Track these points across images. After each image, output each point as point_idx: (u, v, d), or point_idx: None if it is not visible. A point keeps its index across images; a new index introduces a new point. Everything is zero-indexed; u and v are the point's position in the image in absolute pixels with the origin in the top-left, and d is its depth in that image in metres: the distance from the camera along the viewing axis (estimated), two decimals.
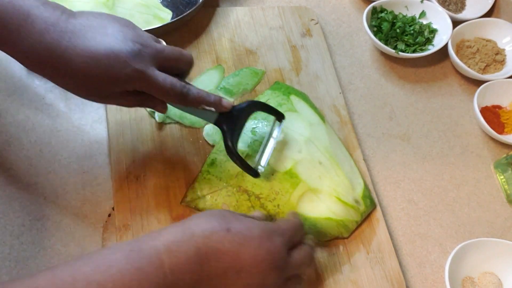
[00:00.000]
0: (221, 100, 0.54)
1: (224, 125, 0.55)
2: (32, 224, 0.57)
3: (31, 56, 0.46)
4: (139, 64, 0.48)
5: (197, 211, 0.60)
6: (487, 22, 0.86)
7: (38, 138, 0.62)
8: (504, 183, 0.72)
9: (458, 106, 0.80)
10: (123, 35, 0.48)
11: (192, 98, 0.52)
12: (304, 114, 0.66)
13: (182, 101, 0.52)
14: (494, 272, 0.64)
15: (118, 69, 0.47)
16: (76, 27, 0.47)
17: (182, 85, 0.51)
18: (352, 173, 0.65)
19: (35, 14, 0.45)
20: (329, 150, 0.64)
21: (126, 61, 0.47)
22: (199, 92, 0.52)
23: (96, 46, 0.46)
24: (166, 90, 0.50)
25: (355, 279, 0.60)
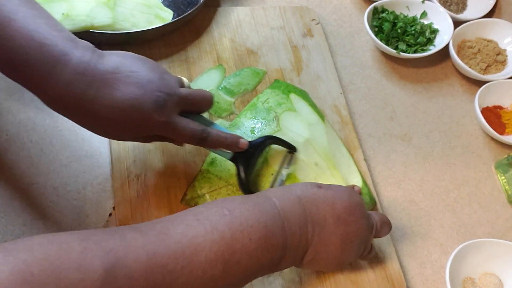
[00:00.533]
0: (238, 141, 0.56)
1: (239, 162, 0.57)
2: (33, 224, 0.57)
3: (58, 103, 0.48)
4: (162, 115, 0.49)
5: None
6: (488, 23, 0.86)
7: (39, 138, 0.62)
8: (505, 183, 0.72)
9: (459, 106, 0.80)
10: (149, 84, 0.49)
11: (210, 142, 0.54)
12: (304, 113, 0.66)
13: (201, 145, 0.54)
14: (495, 272, 0.64)
15: (144, 120, 0.49)
16: (104, 76, 0.47)
17: (201, 130, 0.53)
18: (350, 172, 0.65)
19: (63, 61, 0.45)
20: (326, 151, 0.64)
21: (151, 113, 0.48)
22: (217, 135, 0.54)
23: (122, 97, 0.47)
24: (187, 136, 0.52)
25: (356, 279, 0.60)
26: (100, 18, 0.66)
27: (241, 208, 0.45)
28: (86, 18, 0.65)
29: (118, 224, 0.57)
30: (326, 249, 0.50)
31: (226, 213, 0.44)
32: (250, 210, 0.45)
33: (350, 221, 0.51)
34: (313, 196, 0.50)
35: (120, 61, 0.49)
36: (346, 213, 0.50)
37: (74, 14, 0.65)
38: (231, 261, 0.42)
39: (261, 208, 0.46)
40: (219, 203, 0.46)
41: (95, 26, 0.65)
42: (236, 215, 0.44)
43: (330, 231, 0.50)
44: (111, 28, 0.67)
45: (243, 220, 0.44)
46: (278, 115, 0.65)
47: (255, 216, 0.45)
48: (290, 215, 0.47)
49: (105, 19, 0.67)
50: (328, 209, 0.50)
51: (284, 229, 0.46)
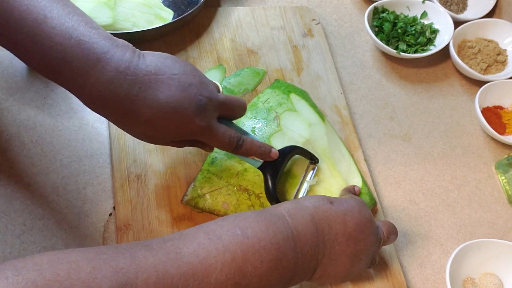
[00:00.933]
0: (270, 150, 0.57)
1: (267, 171, 0.57)
2: (33, 224, 0.57)
3: (97, 102, 0.47)
4: (204, 120, 0.49)
5: (197, 210, 0.60)
6: (488, 23, 0.86)
7: (39, 138, 0.62)
8: (505, 183, 0.72)
9: (460, 106, 0.80)
10: (191, 88, 0.48)
11: (244, 150, 0.55)
12: (304, 114, 0.67)
13: (235, 152, 0.55)
14: (495, 273, 0.64)
15: (185, 123, 0.48)
16: (146, 76, 0.46)
17: (238, 138, 0.54)
18: (350, 172, 0.65)
19: (105, 59, 0.45)
20: (326, 152, 0.64)
21: (193, 117, 0.48)
22: (251, 144, 0.55)
23: (165, 99, 0.47)
24: (225, 143, 0.53)
25: (356, 279, 0.60)
26: (101, 18, 0.66)
27: (254, 227, 0.44)
28: None
29: (118, 224, 0.57)
30: (335, 268, 0.50)
31: (239, 233, 0.43)
32: (264, 231, 0.44)
33: (360, 239, 0.50)
34: (326, 213, 0.49)
35: (161, 62, 0.48)
36: (357, 230, 0.50)
37: None
38: (241, 284, 0.41)
39: (275, 228, 0.45)
40: (232, 220, 0.45)
41: None
42: (249, 235, 0.43)
43: (340, 251, 0.49)
44: (111, 28, 0.67)
45: (256, 241, 0.43)
46: (278, 115, 0.65)
47: (268, 236, 0.44)
48: (302, 236, 0.46)
49: (106, 19, 0.67)
50: (339, 227, 0.49)
51: (296, 250, 0.46)
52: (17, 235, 0.56)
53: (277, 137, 0.63)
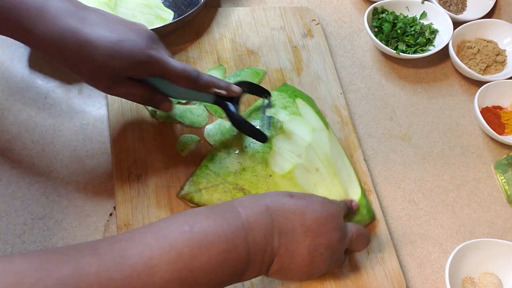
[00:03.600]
0: (231, 85, 0.58)
1: (224, 101, 0.58)
2: (34, 223, 0.57)
3: (51, 41, 0.48)
4: (156, 50, 0.52)
5: (191, 205, 0.60)
6: (488, 23, 0.86)
7: (40, 138, 0.63)
8: (504, 183, 0.73)
9: (459, 106, 0.80)
10: (142, 26, 0.53)
11: (204, 82, 0.56)
12: (308, 118, 0.66)
13: (194, 84, 0.55)
14: (494, 272, 0.64)
15: (140, 51, 0.51)
16: (93, 15, 0.50)
17: (193, 69, 0.55)
18: (350, 182, 0.64)
19: (52, 1, 0.48)
20: (328, 158, 0.64)
21: (147, 46, 0.51)
22: (210, 77, 0.57)
23: (118, 30, 0.50)
24: (179, 72, 0.53)
25: (356, 279, 0.60)
26: None
27: (202, 222, 0.44)
28: None
29: (118, 223, 0.57)
30: (293, 260, 0.48)
31: (186, 229, 0.43)
32: (212, 225, 0.44)
33: (321, 232, 0.49)
34: (283, 205, 0.49)
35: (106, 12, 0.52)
36: (317, 223, 0.49)
37: None
38: (188, 280, 0.41)
39: (223, 221, 0.45)
40: (182, 217, 0.45)
41: None
42: (196, 231, 0.43)
43: (298, 242, 0.48)
44: None
45: (203, 236, 0.43)
46: (281, 121, 0.65)
47: (216, 230, 0.44)
48: (255, 225, 0.46)
49: None
50: (297, 219, 0.49)
51: (248, 240, 0.45)
52: (18, 235, 0.56)
53: (280, 139, 0.63)
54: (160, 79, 0.55)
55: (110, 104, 0.65)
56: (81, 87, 0.68)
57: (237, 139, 0.63)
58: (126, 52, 0.50)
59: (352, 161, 0.69)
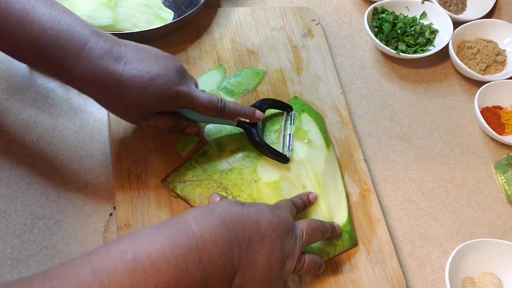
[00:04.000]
0: (255, 112, 0.61)
1: (247, 124, 0.61)
2: (33, 223, 0.57)
3: (88, 81, 0.50)
4: (185, 84, 0.55)
5: (173, 195, 0.60)
6: (488, 23, 0.86)
7: (40, 138, 0.63)
8: (504, 183, 0.73)
9: (459, 106, 0.80)
10: (170, 60, 0.55)
11: (228, 111, 0.59)
12: (309, 135, 0.66)
13: (220, 114, 0.58)
14: (494, 272, 0.64)
15: (169, 88, 0.53)
16: (128, 54, 0.52)
17: (219, 99, 0.58)
18: (338, 206, 0.63)
19: (92, 41, 0.49)
20: (319, 178, 0.63)
21: (175, 82, 0.53)
22: (235, 105, 0.59)
23: (149, 68, 0.52)
24: (206, 104, 0.56)
25: (356, 278, 0.60)
26: (101, 19, 0.67)
27: (148, 248, 0.41)
28: (87, 18, 0.65)
29: (118, 223, 0.57)
30: (254, 270, 0.47)
31: (129, 258, 0.40)
32: (159, 250, 0.41)
33: (275, 238, 0.49)
34: (238, 214, 0.47)
35: (136, 44, 0.54)
36: (270, 229, 0.49)
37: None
38: None
39: (173, 242, 0.42)
40: (125, 242, 0.42)
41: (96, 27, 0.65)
42: (140, 258, 0.40)
43: (256, 251, 0.47)
44: (112, 29, 0.67)
45: (148, 265, 0.40)
46: (280, 129, 0.65)
47: (164, 256, 0.41)
48: (211, 243, 0.44)
49: (106, 20, 0.67)
50: (253, 228, 0.48)
51: (203, 261, 0.43)
52: (18, 235, 0.56)
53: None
54: (187, 110, 0.58)
55: None
56: None
57: (232, 139, 0.64)
58: (156, 90, 0.52)
59: (352, 161, 0.69)
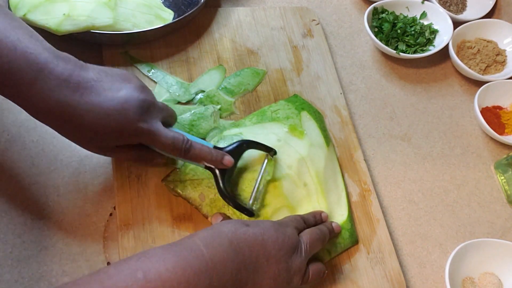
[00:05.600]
0: (223, 158, 0.56)
1: (216, 169, 0.56)
2: (34, 223, 0.57)
3: (42, 111, 0.48)
4: (147, 121, 0.51)
5: (174, 194, 0.60)
6: (488, 23, 0.86)
7: (40, 138, 0.63)
8: (504, 183, 0.73)
9: (459, 106, 0.80)
10: (134, 92, 0.50)
11: (193, 154, 0.54)
12: (309, 134, 0.66)
13: (183, 156, 0.54)
14: (494, 272, 0.64)
15: (127, 125, 0.49)
16: (88, 83, 0.48)
17: (184, 140, 0.54)
18: (338, 204, 0.63)
19: (48, 68, 0.46)
20: (320, 176, 0.63)
21: (135, 118, 0.49)
22: (201, 149, 0.55)
23: (107, 102, 0.48)
24: (169, 145, 0.53)
25: (356, 278, 0.60)
26: (101, 19, 0.66)
27: (159, 268, 0.41)
28: (87, 18, 0.65)
29: (118, 223, 0.57)
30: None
31: (140, 277, 0.39)
32: (170, 270, 0.41)
33: (280, 257, 0.49)
34: (244, 236, 0.47)
35: (103, 71, 0.50)
36: (276, 249, 0.49)
37: (75, 15, 0.65)
38: None
39: (184, 264, 0.42)
40: (134, 261, 0.41)
41: (96, 27, 0.66)
42: (151, 278, 0.39)
43: (264, 272, 0.47)
44: (112, 29, 0.67)
45: (159, 285, 0.39)
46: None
47: (175, 276, 0.40)
48: (220, 265, 0.44)
49: (106, 20, 0.67)
50: (259, 248, 0.48)
51: (213, 283, 0.43)
52: (18, 235, 0.56)
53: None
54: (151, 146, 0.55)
55: None
56: None
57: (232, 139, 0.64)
58: (111, 126, 0.49)
59: (352, 161, 0.69)
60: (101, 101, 0.48)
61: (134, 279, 0.39)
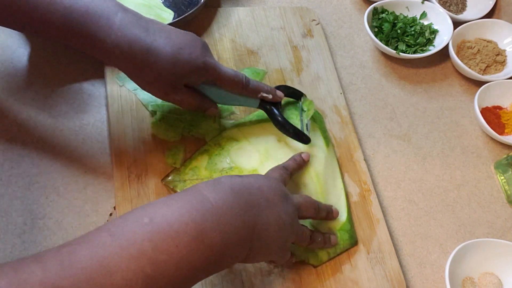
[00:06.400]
0: (276, 90, 0.63)
1: (268, 105, 0.62)
2: (33, 223, 0.57)
3: (121, 49, 0.51)
4: (211, 57, 0.57)
5: None
6: (488, 23, 0.86)
7: (40, 138, 0.63)
8: (504, 183, 0.73)
9: (459, 106, 0.80)
10: (193, 36, 0.56)
11: (252, 87, 0.60)
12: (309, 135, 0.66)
13: (243, 89, 0.59)
14: (494, 272, 0.64)
15: (197, 58, 0.54)
16: (154, 26, 0.53)
17: (243, 75, 0.59)
18: (337, 204, 0.63)
19: (123, 9, 0.52)
20: (319, 176, 0.63)
21: (203, 53, 0.55)
22: (257, 82, 0.61)
23: (176, 39, 0.54)
24: (231, 78, 0.58)
25: (356, 278, 0.60)
26: None
27: (164, 212, 0.41)
28: None
29: None
30: (268, 233, 0.47)
31: (146, 221, 0.40)
32: (176, 213, 0.41)
33: (277, 201, 0.50)
34: (242, 183, 0.48)
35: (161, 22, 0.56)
36: (271, 194, 0.50)
37: None
38: (154, 276, 0.38)
39: (189, 207, 0.42)
40: (139, 210, 0.42)
41: None
42: (158, 221, 0.40)
43: (266, 215, 0.48)
44: None
45: (167, 227, 0.40)
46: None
47: (181, 218, 0.41)
48: (225, 207, 0.44)
49: None
50: (258, 193, 0.48)
51: (220, 223, 0.43)
52: (18, 235, 0.56)
53: (272, 151, 0.63)
54: (211, 87, 0.59)
55: (110, 104, 0.65)
56: (81, 86, 0.68)
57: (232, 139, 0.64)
58: (185, 59, 0.53)
59: (352, 161, 0.69)
60: (171, 38, 0.53)
61: (141, 224, 0.39)
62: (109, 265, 0.36)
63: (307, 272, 0.59)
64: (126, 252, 0.37)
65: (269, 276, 0.58)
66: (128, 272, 0.37)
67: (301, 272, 0.59)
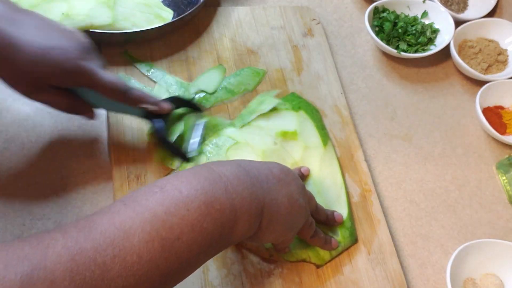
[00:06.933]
0: (161, 102, 0.59)
1: (152, 117, 0.59)
2: (32, 224, 0.57)
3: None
4: (87, 60, 0.51)
5: None
6: (489, 22, 0.85)
7: (38, 138, 0.62)
8: (506, 184, 0.72)
9: (460, 106, 0.80)
10: (77, 34, 0.52)
11: (132, 95, 0.55)
12: (304, 135, 0.66)
13: (122, 98, 0.55)
14: (496, 273, 0.64)
15: (69, 60, 0.50)
16: (26, 20, 0.49)
17: (123, 82, 0.54)
18: (337, 202, 0.63)
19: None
20: (314, 178, 0.63)
21: (77, 56, 0.50)
22: (140, 92, 0.57)
23: (49, 37, 0.49)
24: (107, 84, 0.53)
25: (356, 279, 0.60)
26: (100, 18, 0.66)
27: (173, 181, 0.42)
28: (86, 17, 0.65)
29: None
30: (278, 209, 0.48)
31: (156, 190, 0.41)
32: (184, 181, 0.42)
33: (289, 181, 0.50)
34: (251, 163, 0.49)
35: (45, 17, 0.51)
36: (283, 174, 0.50)
37: (74, 14, 0.65)
38: (169, 238, 0.39)
39: (198, 176, 0.43)
40: (150, 184, 0.43)
41: (95, 26, 0.65)
42: (168, 189, 0.41)
43: (277, 190, 0.48)
44: (111, 28, 0.67)
45: (177, 193, 0.41)
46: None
47: (190, 185, 0.42)
48: (233, 178, 0.45)
49: (105, 19, 0.67)
50: (267, 172, 0.49)
51: (228, 190, 0.43)
52: (17, 235, 0.56)
53: (268, 153, 0.63)
54: (90, 91, 0.54)
55: None
56: None
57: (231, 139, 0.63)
58: (53, 60, 0.49)
59: (352, 161, 0.68)
60: (43, 35, 0.48)
61: (152, 192, 0.41)
62: (125, 228, 0.38)
63: (307, 273, 0.59)
64: (140, 216, 0.39)
65: (269, 277, 0.58)
66: (144, 234, 0.38)
67: (302, 273, 0.59)
